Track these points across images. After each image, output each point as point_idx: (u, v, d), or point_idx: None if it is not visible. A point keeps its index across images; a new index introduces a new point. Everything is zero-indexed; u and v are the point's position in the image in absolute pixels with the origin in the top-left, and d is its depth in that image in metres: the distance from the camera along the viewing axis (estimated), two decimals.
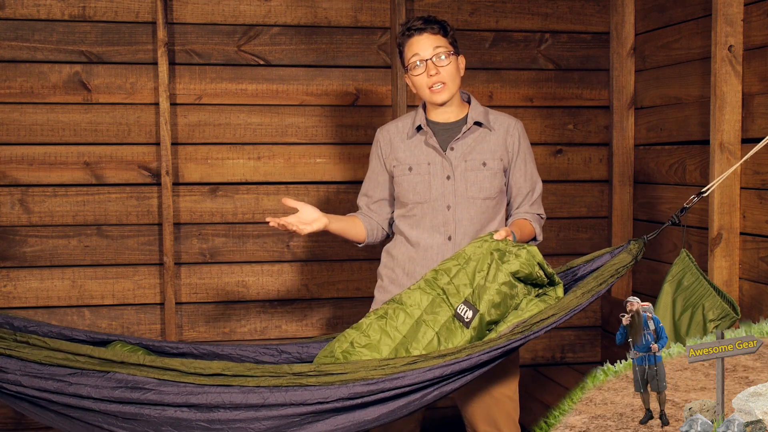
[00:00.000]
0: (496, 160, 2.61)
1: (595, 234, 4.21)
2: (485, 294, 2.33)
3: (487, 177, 2.59)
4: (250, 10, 3.85)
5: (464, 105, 2.67)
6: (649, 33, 3.93)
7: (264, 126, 3.89)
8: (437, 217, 2.58)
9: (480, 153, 2.60)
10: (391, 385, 2.12)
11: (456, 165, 2.58)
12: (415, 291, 2.43)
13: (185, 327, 3.87)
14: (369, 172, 2.77)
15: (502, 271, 2.35)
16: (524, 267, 2.35)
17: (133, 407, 2.12)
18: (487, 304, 2.33)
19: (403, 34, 2.60)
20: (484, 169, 2.59)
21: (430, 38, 2.56)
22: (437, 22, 2.59)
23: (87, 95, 3.74)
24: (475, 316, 2.33)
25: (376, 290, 2.75)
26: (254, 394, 2.11)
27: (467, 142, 2.61)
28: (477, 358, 2.18)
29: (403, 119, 2.72)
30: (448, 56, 2.55)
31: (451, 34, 2.61)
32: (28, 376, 2.14)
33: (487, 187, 2.59)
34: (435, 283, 2.41)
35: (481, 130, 2.63)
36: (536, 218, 2.71)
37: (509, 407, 2.60)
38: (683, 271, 2.41)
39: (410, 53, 2.57)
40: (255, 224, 3.91)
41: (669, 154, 3.76)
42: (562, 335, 4.22)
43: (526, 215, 2.68)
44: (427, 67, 2.54)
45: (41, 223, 3.74)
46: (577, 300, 2.29)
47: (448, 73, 2.55)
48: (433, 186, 2.57)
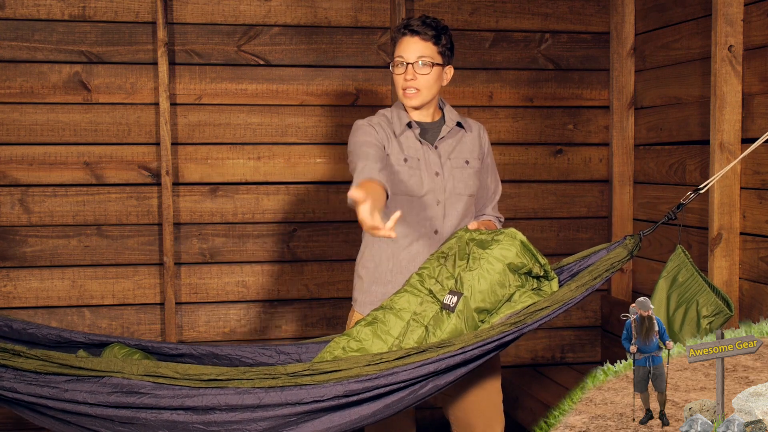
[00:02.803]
0: (475, 160, 2.68)
1: (595, 234, 4.21)
2: (466, 279, 2.34)
3: (471, 175, 2.65)
4: (250, 10, 3.85)
5: (438, 110, 2.71)
6: (649, 33, 3.93)
7: (264, 126, 3.89)
8: (426, 212, 2.60)
9: (461, 152, 2.66)
10: (385, 381, 2.13)
11: (443, 162, 2.63)
12: (403, 294, 2.44)
13: (185, 327, 3.87)
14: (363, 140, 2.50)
15: (484, 258, 2.35)
16: (509, 248, 2.34)
17: (129, 411, 2.12)
18: (470, 288, 2.33)
19: (399, 30, 2.62)
20: (468, 167, 2.66)
21: (418, 44, 2.57)
22: (433, 29, 2.58)
23: (87, 95, 3.74)
24: (459, 300, 2.32)
25: (355, 292, 2.70)
26: (250, 395, 2.11)
27: (449, 141, 2.66)
28: (471, 351, 2.18)
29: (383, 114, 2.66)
30: (429, 66, 2.56)
31: (444, 44, 2.60)
32: (23, 383, 2.14)
33: (471, 184, 2.65)
34: (422, 285, 2.42)
35: (460, 131, 2.69)
36: (498, 221, 2.80)
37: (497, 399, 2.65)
38: (678, 267, 2.42)
39: (397, 52, 2.61)
40: (255, 224, 3.91)
41: (669, 154, 3.76)
42: (562, 335, 4.22)
43: (489, 217, 2.78)
44: (406, 70, 2.56)
45: (41, 223, 3.74)
46: (572, 293, 2.29)
47: (425, 82, 2.57)
48: (425, 181, 2.60)
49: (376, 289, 2.64)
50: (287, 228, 3.94)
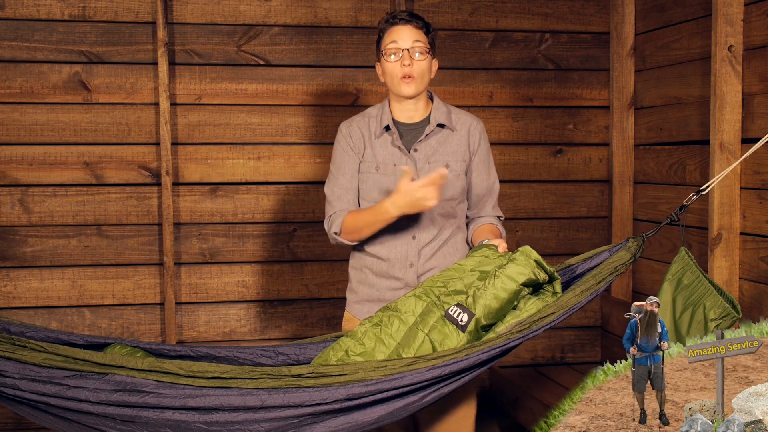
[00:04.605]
0: (459, 162, 2.64)
1: (595, 234, 4.21)
2: (481, 298, 2.33)
3: (450, 179, 2.60)
4: (250, 10, 3.85)
5: (428, 103, 2.69)
6: (649, 33, 3.93)
7: (264, 126, 3.89)
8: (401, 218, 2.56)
9: (443, 155, 2.63)
10: (389, 386, 2.12)
11: (420, 167, 2.60)
12: (410, 298, 2.43)
13: (185, 327, 3.87)
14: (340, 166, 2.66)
15: (498, 277, 2.34)
16: (524, 268, 2.34)
17: (131, 410, 2.12)
18: (483, 308, 2.31)
19: (387, 21, 2.63)
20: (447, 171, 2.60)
21: (412, 31, 2.58)
22: (421, 20, 2.62)
23: (87, 95, 3.74)
24: (470, 320, 2.31)
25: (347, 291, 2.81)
26: (252, 396, 2.11)
27: (430, 143, 2.63)
28: (476, 357, 2.17)
29: (367, 115, 2.71)
30: (424, 53, 2.58)
31: (432, 36, 2.64)
32: (26, 379, 2.13)
33: (450, 189, 2.61)
34: (431, 290, 2.41)
35: (444, 131, 2.65)
36: (498, 221, 2.75)
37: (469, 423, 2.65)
38: (683, 269, 2.41)
39: (389, 39, 2.59)
40: (255, 224, 3.91)
41: (669, 154, 3.76)
42: (562, 335, 4.22)
43: (490, 219, 2.72)
44: (403, 56, 2.56)
45: (41, 223, 3.74)
46: (576, 298, 2.29)
47: (420, 69, 2.57)
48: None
49: (363, 290, 2.70)
50: (287, 228, 3.94)
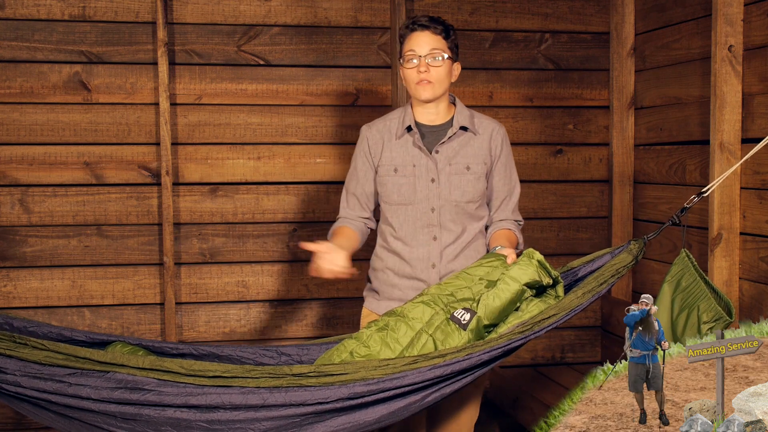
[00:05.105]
0: (480, 164, 2.65)
1: (595, 234, 4.21)
2: (483, 299, 2.34)
3: (471, 181, 2.63)
4: (250, 10, 3.85)
5: (450, 107, 2.72)
6: (649, 33, 3.93)
7: (264, 126, 3.89)
8: (422, 219, 2.62)
9: (464, 157, 2.64)
10: (391, 385, 2.12)
11: (441, 168, 2.62)
12: (418, 305, 2.43)
13: (185, 327, 3.87)
14: (354, 170, 2.75)
15: (501, 278, 2.35)
16: (527, 268, 2.35)
17: (132, 408, 2.12)
18: (485, 308, 2.33)
19: (407, 27, 2.65)
20: (468, 173, 2.63)
21: (430, 37, 2.60)
22: (442, 24, 2.63)
23: (87, 95, 3.74)
24: (472, 319, 2.33)
25: (366, 291, 2.79)
26: (254, 394, 2.11)
27: (452, 145, 2.65)
28: (477, 357, 2.18)
29: (390, 117, 2.74)
30: (441, 59, 2.60)
31: (452, 39, 2.65)
32: (27, 376, 2.13)
33: (470, 191, 2.63)
34: (439, 298, 2.42)
35: (466, 134, 2.67)
36: (516, 225, 2.75)
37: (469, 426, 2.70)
38: (682, 271, 2.41)
39: (407, 47, 2.62)
40: (255, 224, 3.91)
41: (669, 154, 3.76)
42: (562, 335, 4.22)
43: (508, 224, 2.72)
44: (419, 63, 2.58)
45: (41, 223, 3.74)
46: (578, 300, 2.29)
47: (438, 75, 2.60)
48: (418, 188, 2.61)
49: (385, 289, 2.69)
50: (287, 228, 3.94)
